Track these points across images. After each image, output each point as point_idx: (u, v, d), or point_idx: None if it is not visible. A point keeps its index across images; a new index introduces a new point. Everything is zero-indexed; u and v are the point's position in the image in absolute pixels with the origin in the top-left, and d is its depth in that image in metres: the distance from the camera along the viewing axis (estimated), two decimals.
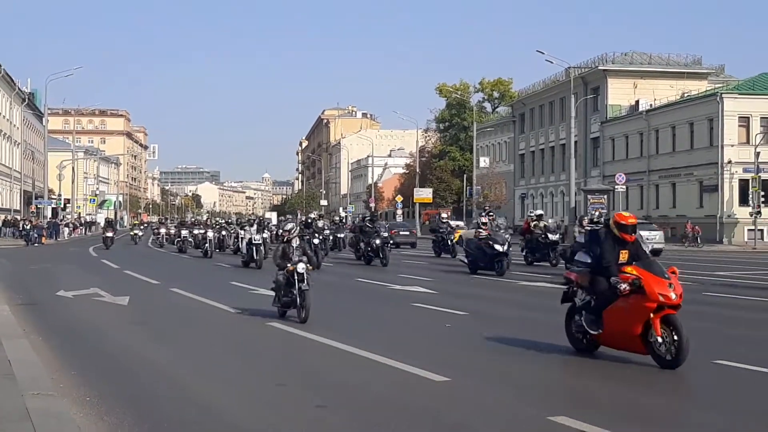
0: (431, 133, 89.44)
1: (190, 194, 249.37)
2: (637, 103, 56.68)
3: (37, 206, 62.52)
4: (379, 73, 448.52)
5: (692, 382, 8.07)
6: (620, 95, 58.55)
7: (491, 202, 67.92)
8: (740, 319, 13.57)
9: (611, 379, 8.31)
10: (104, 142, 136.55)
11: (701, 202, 49.18)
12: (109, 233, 40.72)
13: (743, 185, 46.30)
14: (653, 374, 8.35)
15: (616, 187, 48.27)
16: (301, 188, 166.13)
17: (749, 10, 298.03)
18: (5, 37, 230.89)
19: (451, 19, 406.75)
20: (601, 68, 58.94)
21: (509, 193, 72.42)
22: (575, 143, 53.87)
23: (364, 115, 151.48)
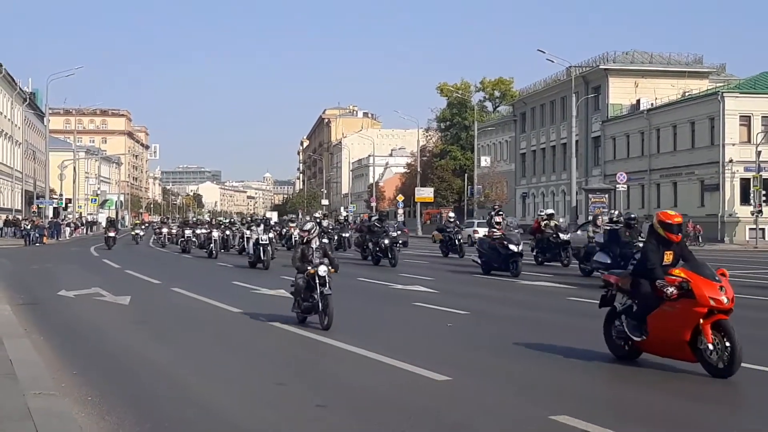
0: (432, 132, 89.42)
1: (191, 194, 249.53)
2: (638, 102, 56.64)
3: (38, 206, 62.55)
4: (379, 72, 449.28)
5: (695, 380, 8.05)
6: (621, 94, 58.52)
7: (492, 201, 67.88)
8: (744, 318, 13.54)
9: (613, 378, 8.31)
10: (105, 141, 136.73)
11: (702, 201, 49.15)
12: (111, 233, 40.21)
13: (744, 184, 46.26)
14: (655, 374, 8.35)
15: (617, 186, 48.25)
16: (302, 188, 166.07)
17: (750, 9, 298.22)
18: (6, 37, 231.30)
19: (451, 19, 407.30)
20: (602, 67, 58.90)
21: (510, 192, 72.39)
22: (576, 142, 53.83)
23: (365, 114, 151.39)
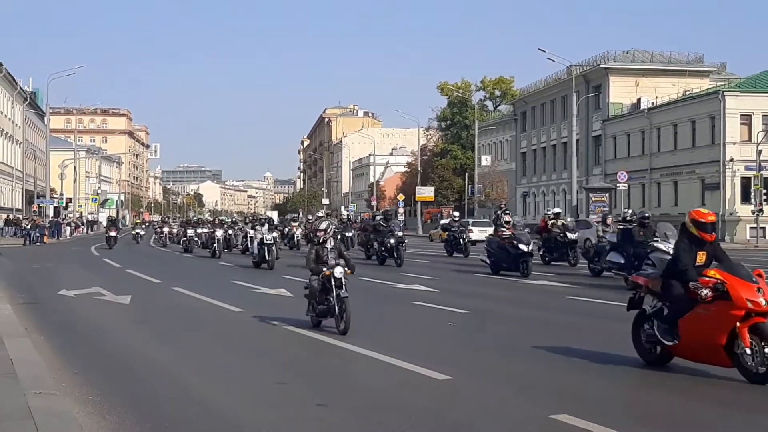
0: (433, 131, 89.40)
1: (191, 193, 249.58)
2: (638, 101, 56.62)
3: (39, 205, 62.60)
4: (379, 72, 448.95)
5: (695, 380, 8.04)
6: (622, 93, 58.49)
7: (493, 200, 67.88)
8: None
9: (614, 378, 8.30)
10: (106, 141, 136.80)
11: (703, 200, 49.07)
12: (112, 232, 39.71)
13: (745, 183, 46.24)
14: (656, 373, 8.34)
15: (617, 185, 48.23)
16: (302, 187, 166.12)
17: (751, 7, 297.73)
18: (6, 36, 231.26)
19: (451, 18, 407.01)
20: (602, 66, 58.87)
21: (511, 191, 72.38)
22: (577, 141, 53.79)
23: (365, 113, 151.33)
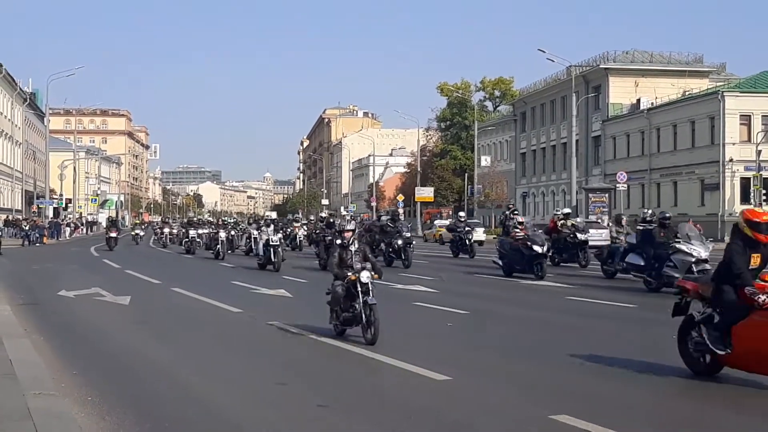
0: (432, 132, 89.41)
1: (191, 194, 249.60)
2: (638, 101, 56.62)
3: (38, 206, 62.60)
4: (379, 72, 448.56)
5: (695, 380, 8.04)
6: (621, 94, 58.51)
7: (492, 200, 67.88)
8: None
9: (614, 378, 8.29)
10: (105, 141, 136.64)
11: (703, 200, 49.13)
12: (112, 233, 38.68)
13: (745, 183, 46.24)
14: (656, 373, 8.33)
15: (617, 185, 48.23)
16: (302, 188, 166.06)
17: (750, 8, 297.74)
18: (6, 37, 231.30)
19: (451, 19, 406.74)
20: (602, 67, 58.90)
21: (510, 192, 72.37)
22: (576, 142, 53.79)
23: (365, 114, 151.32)
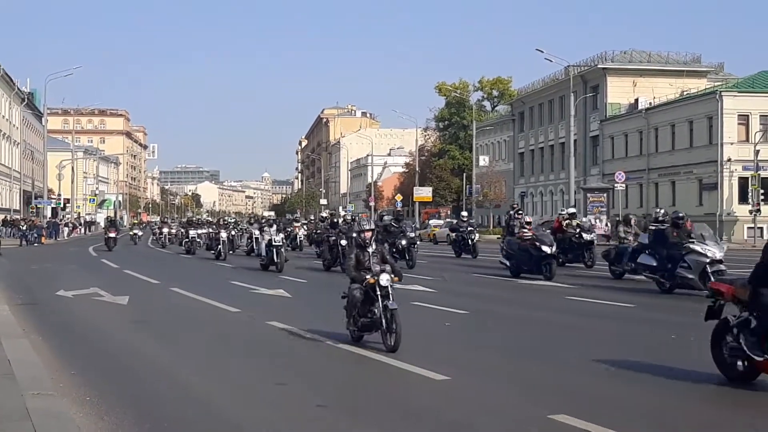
0: (431, 131, 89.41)
1: (189, 194, 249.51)
2: (636, 101, 56.68)
3: (36, 206, 62.55)
4: (378, 72, 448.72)
5: (694, 379, 8.04)
6: (619, 93, 58.55)
7: (491, 200, 67.90)
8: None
9: (613, 378, 8.29)
10: (104, 141, 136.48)
11: (701, 200, 49.17)
12: (111, 234, 38.00)
13: (743, 183, 46.30)
14: (657, 374, 8.33)
15: (615, 185, 48.28)
16: (300, 187, 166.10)
17: (749, 8, 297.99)
18: (4, 36, 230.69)
19: (451, 19, 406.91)
20: (600, 67, 58.93)
21: (509, 191, 72.38)
22: (575, 142, 53.87)
23: (363, 114, 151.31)
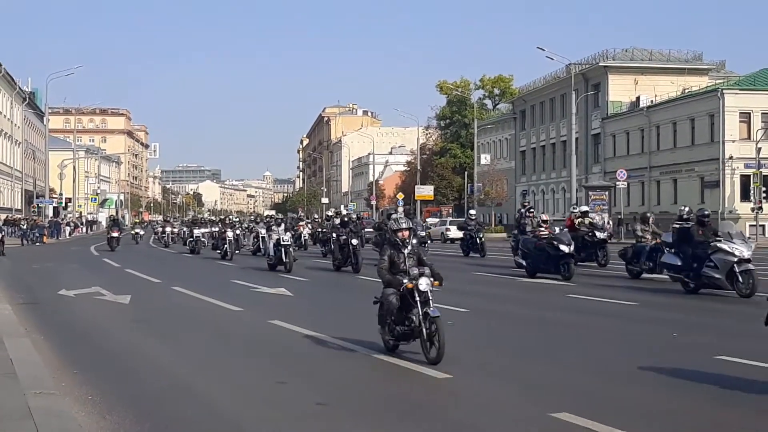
0: (432, 130, 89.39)
1: (191, 193, 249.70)
2: (637, 99, 56.66)
3: (38, 205, 62.61)
4: (379, 72, 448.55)
5: (695, 378, 8.04)
6: (621, 91, 58.52)
7: (492, 198, 67.85)
8: (744, 314, 13.62)
9: (614, 376, 8.30)
10: (105, 141, 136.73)
11: (702, 198, 49.10)
12: (114, 233, 36.85)
13: (744, 181, 46.28)
14: (655, 372, 8.33)
15: (617, 183, 48.29)
16: (302, 186, 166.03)
17: (750, 5, 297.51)
18: (5, 36, 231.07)
19: (451, 18, 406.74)
20: (601, 65, 58.89)
21: (510, 190, 72.34)
22: (576, 140, 53.84)
23: (364, 112, 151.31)
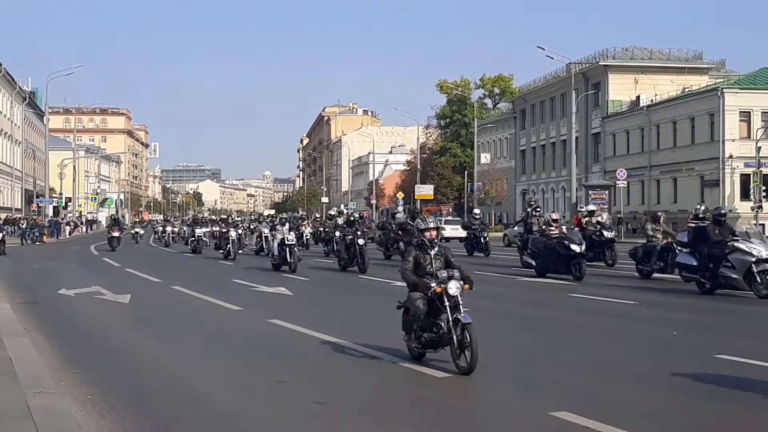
0: (432, 129, 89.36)
1: (191, 192, 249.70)
2: (637, 98, 56.67)
3: (38, 205, 62.61)
4: (379, 72, 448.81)
5: (696, 377, 8.04)
6: (621, 91, 58.54)
7: (492, 198, 67.84)
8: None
9: (614, 376, 8.30)
10: (105, 140, 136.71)
11: (702, 197, 49.02)
12: (115, 233, 36.26)
13: (744, 180, 46.32)
14: (656, 371, 8.34)
15: (617, 182, 48.30)
16: (302, 186, 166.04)
17: (750, 4, 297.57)
18: (6, 36, 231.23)
19: (451, 18, 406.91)
20: (601, 64, 58.92)
21: (510, 189, 72.36)
22: (576, 139, 53.82)
23: (364, 112, 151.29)
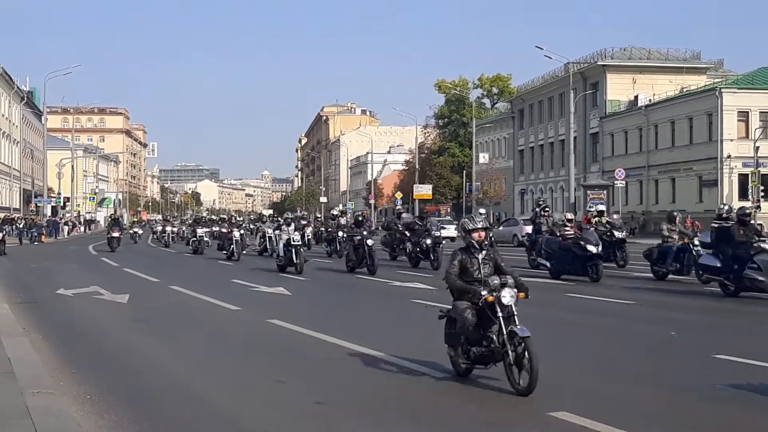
0: (430, 129, 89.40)
1: (189, 192, 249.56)
2: (636, 98, 56.71)
3: (36, 205, 62.57)
4: (378, 72, 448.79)
5: (695, 377, 8.05)
6: (619, 90, 58.59)
7: (491, 197, 67.88)
8: (742, 312, 13.66)
9: (613, 375, 8.30)
10: (103, 140, 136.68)
11: (701, 196, 49.20)
12: (114, 233, 35.49)
13: (743, 180, 46.37)
14: (655, 371, 8.34)
15: (615, 182, 48.33)
16: (300, 185, 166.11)
17: (748, 4, 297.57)
18: (4, 35, 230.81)
19: (450, 18, 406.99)
20: (599, 63, 58.96)
21: (509, 188, 72.41)
22: (574, 139, 53.89)
23: (363, 111, 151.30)
